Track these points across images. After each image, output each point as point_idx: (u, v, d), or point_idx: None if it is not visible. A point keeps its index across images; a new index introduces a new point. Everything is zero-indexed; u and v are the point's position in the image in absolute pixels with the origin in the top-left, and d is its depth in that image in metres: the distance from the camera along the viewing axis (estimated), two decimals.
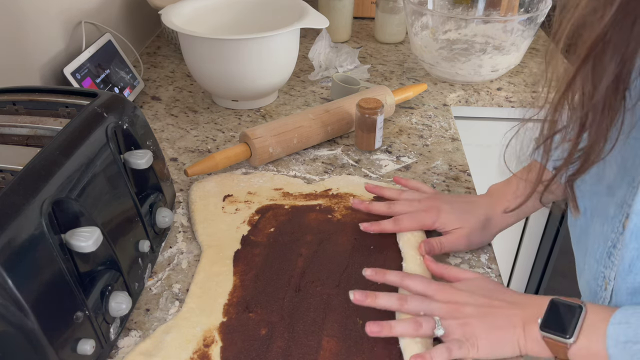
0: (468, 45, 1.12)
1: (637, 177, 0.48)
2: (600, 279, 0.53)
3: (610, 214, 0.51)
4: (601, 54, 0.41)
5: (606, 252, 0.52)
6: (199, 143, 0.91)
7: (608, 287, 0.52)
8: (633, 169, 0.48)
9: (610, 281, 0.52)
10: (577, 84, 0.43)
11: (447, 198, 0.71)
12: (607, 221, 0.51)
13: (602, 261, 0.52)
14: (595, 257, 0.53)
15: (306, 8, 0.96)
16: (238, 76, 0.92)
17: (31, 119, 0.58)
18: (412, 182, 0.75)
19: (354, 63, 1.15)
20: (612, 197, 0.50)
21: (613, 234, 0.50)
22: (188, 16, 0.97)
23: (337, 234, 0.69)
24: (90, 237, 0.48)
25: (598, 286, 0.54)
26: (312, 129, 0.86)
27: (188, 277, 0.65)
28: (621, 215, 0.49)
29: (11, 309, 0.42)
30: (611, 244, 0.51)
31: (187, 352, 0.55)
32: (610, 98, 0.42)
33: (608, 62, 0.41)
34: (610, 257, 0.51)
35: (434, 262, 0.62)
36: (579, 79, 0.43)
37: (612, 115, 0.43)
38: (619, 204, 0.50)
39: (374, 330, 0.54)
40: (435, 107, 1.01)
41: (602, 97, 0.42)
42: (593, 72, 0.42)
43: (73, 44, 0.97)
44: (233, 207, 0.75)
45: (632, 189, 0.48)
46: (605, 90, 0.42)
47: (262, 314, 0.59)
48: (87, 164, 0.54)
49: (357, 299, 0.56)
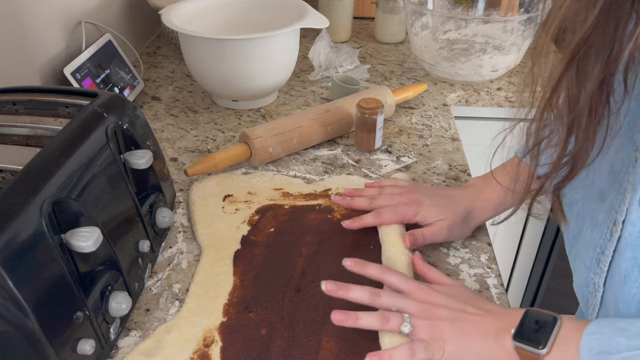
0: (468, 45, 1.12)
1: (624, 184, 0.47)
2: (590, 285, 0.53)
3: (599, 221, 0.50)
4: (585, 57, 0.40)
5: (595, 258, 0.51)
6: (199, 143, 0.91)
7: (597, 294, 0.52)
8: (621, 175, 0.48)
9: (600, 288, 0.51)
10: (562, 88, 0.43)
11: (426, 191, 0.71)
12: (597, 227, 0.51)
13: (591, 267, 0.52)
14: (586, 263, 0.53)
15: (306, 8, 0.96)
16: (238, 76, 0.92)
17: (31, 119, 0.58)
18: (387, 180, 0.75)
19: (354, 63, 1.15)
20: (602, 203, 0.50)
21: (601, 240, 0.50)
22: (188, 16, 0.97)
23: (337, 233, 0.69)
24: (90, 237, 0.48)
25: (589, 292, 0.53)
26: (312, 129, 0.86)
27: (188, 277, 0.65)
28: (609, 221, 0.49)
29: (11, 309, 0.42)
30: (600, 250, 0.50)
31: (187, 352, 0.55)
32: (595, 102, 0.42)
33: (592, 65, 0.40)
34: (598, 264, 0.51)
35: (421, 260, 0.61)
36: (564, 82, 0.42)
37: (597, 119, 0.43)
38: (608, 210, 0.49)
39: (339, 319, 0.53)
40: (435, 107, 1.01)
41: (588, 100, 0.42)
42: (577, 75, 0.41)
43: (73, 44, 0.97)
44: (233, 207, 0.75)
45: (619, 195, 0.48)
46: (591, 94, 0.42)
47: (262, 314, 0.59)
48: (87, 164, 0.54)
49: (329, 290, 0.55)
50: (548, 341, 0.47)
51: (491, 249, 0.69)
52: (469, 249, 0.69)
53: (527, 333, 0.48)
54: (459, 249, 0.69)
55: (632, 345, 0.43)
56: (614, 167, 0.49)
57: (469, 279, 0.64)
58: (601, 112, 0.43)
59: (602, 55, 0.40)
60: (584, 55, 0.40)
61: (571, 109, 0.43)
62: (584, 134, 0.44)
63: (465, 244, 0.70)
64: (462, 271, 0.65)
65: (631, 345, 0.43)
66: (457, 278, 0.64)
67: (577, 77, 0.41)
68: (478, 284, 0.64)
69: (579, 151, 0.45)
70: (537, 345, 0.47)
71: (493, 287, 0.63)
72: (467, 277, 0.65)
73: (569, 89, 0.42)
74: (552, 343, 0.47)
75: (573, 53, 0.40)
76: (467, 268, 0.66)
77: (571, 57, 0.41)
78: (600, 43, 0.39)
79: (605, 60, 0.40)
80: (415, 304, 0.54)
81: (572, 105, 0.43)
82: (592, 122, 0.43)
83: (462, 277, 0.64)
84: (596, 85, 0.41)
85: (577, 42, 0.40)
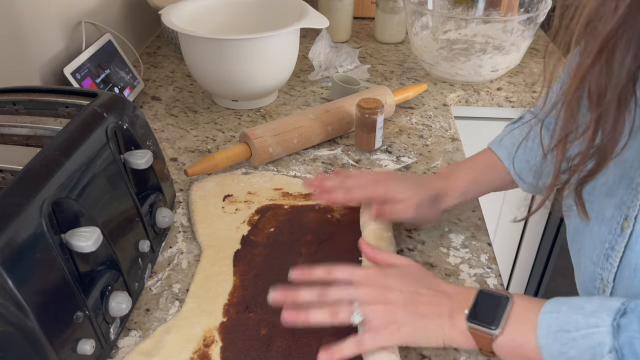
0: (468, 45, 1.12)
1: (635, 179, 0.47)
2: (597, 280, 0.53)
3: (608, 216, 0.50)
4: (614, 47, 0.39)
5: (604, 254, 0.51)
6: (199, 143, 0.91)
7: (606, 290, 0.52)
8: (632, 170, 0.48)
9: (609, 283, 0.51)
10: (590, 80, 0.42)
11: (398, 174, 0.72)
12: (605, 223, 0.51)
13: (599, 263, 0.52)
14: (592, 258, 0.53)
15: (306, 8, 0.96)
16: (238, 76, 0.92)
17: (31, 119, 0.58)
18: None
19: (354, 63, 1.15)
20: (611, 198, 0.50)
21: (611, 235, 0.50)
22: (188, 16, 0.97)
23: (336, 233, 0.69)
24: (90, 237, 0.48)
25: (595, 288, 0.53)
26: (312, 129, 0.86)
27: (188, 277, 0.65)
28: (619, 216, 0.49)
29: (11, 309, 0.42)
30: (609, 245, 0.50)
31: (187, 352, 0.55)
32: (624, 93, 0.41)
33: (622, 56, 0.40)
34: (608, 259, 0.51)
35: (367, 245, 0.61)
36: (592, 74, 0.41)
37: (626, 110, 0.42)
38: (618, 206, 0.49)
39: (289, 319, 0.53)
40: (435, 107, 1.01)
41: (617, 92, 0.41)
42: (607, 66, 0.40)
43: (73, 44, 0.97)
44: (233, 207, 0.75)
45: (631, 190, 0.48)
46: (620, 85, 0.41)
47: (262, 314, 0.59)
48: (87, 164, 0.54)
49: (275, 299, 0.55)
50: (501, 321, 0.47)
51: (491, 249, 0.69)
52: (469, 249, 0.69)
53: (480, 313, 0.49)
54: (459, 249, 0.69)
55: (590, 323, 0.43)
56: (624, 161, 0.48)
57: (469, 279, 0.64)
58: (629, 103, 0.42)
59: (633, 46, 0.39)
60: (614, 46, 0.39)
61: (600, 101, 0.42)
62: (612, 126, 0.43)
63: (466, 244, 0.70)
64: (462, 271, 0.65)
65: (589, 323, 0.43)
66: (457, 278, 0.64)
67: (606, 69, 0.41)
68: (478, 284, 0.64)
69: (607, 143, 0.44)
70: (490, 326, 0.47)
71: (493, 287, 0.63)
72: (467, 277, 0.65)
73: (597, 81, 0.41)
74: (505, 322, 0.47)
75: (603, 44, 0.39)
76: (467, 268, 0.66)
77: (601, 48, 0.40)
78: (631, 33, 0.39)
79: (636, 50, 0.39)
80: (366, 290, 0.53)
81: (600, 97, 0.42)
82: (621, 114, 0.42)
83: (462, 277, 0.64)
84: (625, 77, 0.40)
85: (607, 32, 0.39)
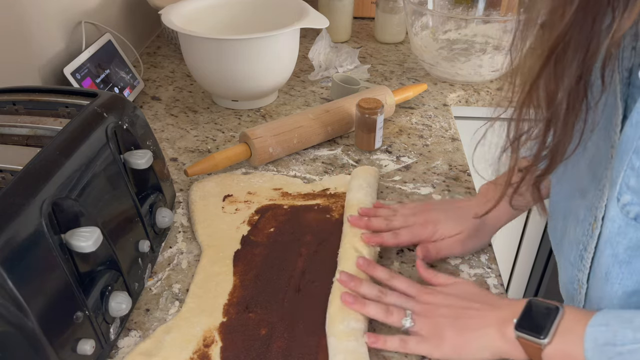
0: (468, 45, 1.12)
1: (602, 180, 0.48)
2: (575, 282, 0.53)
3: (581, 217, 0.51)
4: (563, 53, 0.41)
5: (579, 255, 0.52)
6: (199, 143, 0.91)
7: (582, 291, 0.52)
8: (599, 171, 0.48)
9: (584, 285, 0.52)
10: (540, 83, 0.43)
11: (439, 207, 0.70)
12: (579, 224, 0.51)
13: (575, 264, 0.52)
14: (570, 259, 0.53)
15: (306, 8, 0.96)
16: (238, 76, 0.92)
17: (31, 119, 0.58)
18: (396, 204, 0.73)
19: (354, 63, 1.15)
20: (584, 199, 0.50)
21: (584, 237, 0.50)
22: (188, 16, 0.97)
23: (336, 233, 0.69)
24: (90, 237, 0.48)
25: (574, 289, 0.54)
26: (312, 129, 0.86)
27: (188, 277, 0.65)
28: (590, 218, 0.49)
29: (11, 309, 0.42)
30: (582, 247, 0.51)
31: (187, 352, 0.55)
32: (573, 97, 0.42)
33: (570, 61, 0.41)
34: (582, 261, 0.51)
35: (423, 268, 0.62)
36: (542, 78, 0.43)
37: (575, 113, 0.43)
38: (589, 207, 0.49)
39: (348, 300, 0.56)
40: (435, 107, 1.01)
41: (566, 96, 0.42)
42: (555, 71, 0.42)
43: (73, 44, 0.97)
44: (233, 207, 0.75)
45: (598, 192, 0.48)
46: (569, 89, 0.42)
47: (262, 314, 0.59)
48: (87, 164, 0.54)
49: (342, 280, 0.58)
50: (550, 330, 0.47)
51: (491, 249, 0.69)
52: None
53: (529, 322, 0.49)
54: None
55: (638, 338, 0.43)
56: (593, 163, 0.49)
57: (469, 279, 0.64)
58: (579, 107, 0.43)
59: (580, 51, 0.40)
60: (562, 51, 0.41)
61: (550, 103, 0.43)
62: (562, 128, 0.44)
63: None
64: (462, 271, 0.65)
65: (637, 338, 0.43)
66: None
67: (555, 73, 0.42)
68: (478, 284, 0.64)
69: (557, 145, 0.45)
70: (539, 335, 0.47)
71: (493, 287, 0.63)
72: (467, 277, 0.65)
73: (547, 84, 0.43)
74: (554, 332, 0.47)
75: (551, 49, 0.41)
76: (467, 268, 0.66)
77: (549, 53, 0.41)
78: (577, 39, 0.40)
79: (582, 56, 0.40)
80: (418, 304, 0.56)
81: (550, 100, 0.43)
82: (570, 117, 0.43)
83: (462, 277, 0.64)
84: (574, 80, 0.41)
85: (555, 38, 0.40)
